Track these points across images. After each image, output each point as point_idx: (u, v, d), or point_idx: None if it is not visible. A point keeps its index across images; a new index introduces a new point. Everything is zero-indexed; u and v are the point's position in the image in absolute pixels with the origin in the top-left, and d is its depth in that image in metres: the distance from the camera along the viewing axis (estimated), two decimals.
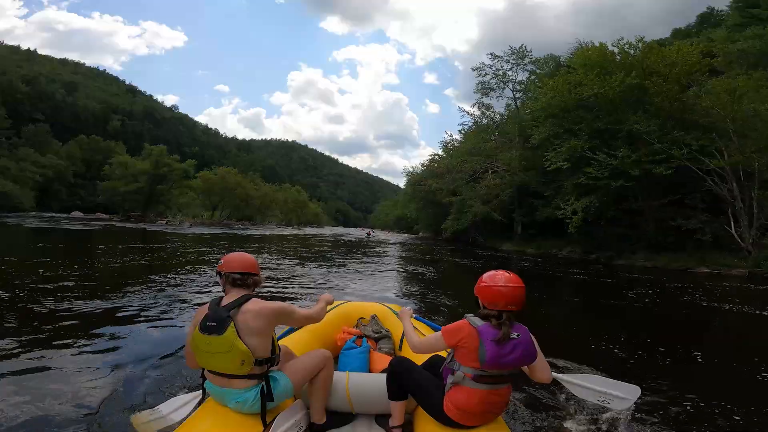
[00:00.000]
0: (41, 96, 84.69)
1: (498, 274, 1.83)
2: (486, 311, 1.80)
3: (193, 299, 6.05)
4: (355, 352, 2.78)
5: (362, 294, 7.52)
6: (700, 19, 39.81)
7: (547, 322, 6.27)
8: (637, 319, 7.03)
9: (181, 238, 21.30)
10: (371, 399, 2.22)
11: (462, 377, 1.80)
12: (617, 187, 16.66)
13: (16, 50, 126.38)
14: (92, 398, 2.73)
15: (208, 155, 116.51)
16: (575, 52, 25.70)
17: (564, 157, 18.41)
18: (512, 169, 28.60)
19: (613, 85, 17.58)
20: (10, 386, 2.79)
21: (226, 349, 1.75)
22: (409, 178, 47.00)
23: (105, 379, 3.06)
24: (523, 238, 28.91)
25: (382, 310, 3.37)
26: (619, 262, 17.99)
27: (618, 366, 4.06)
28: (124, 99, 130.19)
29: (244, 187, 56.53)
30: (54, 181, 60.81)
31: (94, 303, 5.34)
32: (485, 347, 1.72)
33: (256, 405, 1.82)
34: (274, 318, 1.89)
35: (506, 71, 34.61)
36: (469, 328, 1.78)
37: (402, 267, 13.89)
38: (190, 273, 8.71)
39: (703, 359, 4.56)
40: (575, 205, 17.81)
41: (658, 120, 16.91)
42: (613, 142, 17.77)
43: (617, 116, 18.30)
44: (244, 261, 1.96)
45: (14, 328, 4.09)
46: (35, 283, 6.43)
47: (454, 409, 1.81)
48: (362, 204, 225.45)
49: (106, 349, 3.70)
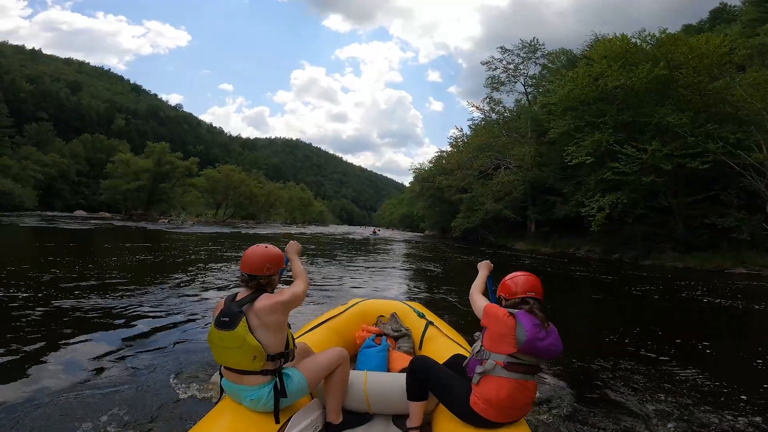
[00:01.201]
0: (45, 95, 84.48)
1: (516, 273, 1.99)
2: (512, 300, 1.90)
3: (179, 304, 5.44)
4: (373, 350, 2.71)
5: (376, 292, 7.31)
6: (713, 15, 38.90)
7: (575, 329, 5.63)
8: (680, 323, 6.42)
9: (179, 237, 20.39)
10: (389, 399, 2.16)
11: (493, 366, 1.79)
12: (647, 183, 15.50)
13: (21, 50, 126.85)
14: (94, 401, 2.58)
15: (212, 154, 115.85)
16: (593, 44, 24.57)
17: (587, 151, 17.25)
18: (525, 165, 27.54)
19: (640, 76, 16.45)
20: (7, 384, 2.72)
21: (238, 344, 1.75)
22: (416, 175, 45.98)
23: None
24: (537, 236, 27.94)
25: (402, 308, 3.27)
26: (646, 263, 16.93)
27: (659, 382, 3.46)
28: (128, 98, 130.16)
29: (248, 185, 55.66)
30: (57, 179, 60.44)
31: (69, 303, 4.95)
32: (524, 328, 1.74)
33: (270, 403, 1.81)
34: (286, 309, 1.87)
35: (517, 65, 33.51)
36: (504, 312, 1.83)
37: (413, 265, 13.63)
38: (180, 275, 7.78)
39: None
40: (601, 201, 16.64)
41: (690, 112, 15.76)
42: (639, 135, 16.65)
43: (643, 109, 17.18)
44: (253, 262, 1.90)
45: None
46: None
47: (482, 402, 1.79)
48: (366, 202, 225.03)
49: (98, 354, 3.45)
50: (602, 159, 17.15)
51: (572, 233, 23.91)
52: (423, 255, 19.08)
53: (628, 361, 3.94)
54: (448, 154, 37.74)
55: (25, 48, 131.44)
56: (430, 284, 9.15)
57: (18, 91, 76.94)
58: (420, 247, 26.10)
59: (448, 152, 38.63)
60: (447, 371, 2.02)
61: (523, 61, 33.64)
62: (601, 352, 4.17)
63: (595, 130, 17.75)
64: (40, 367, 3.03)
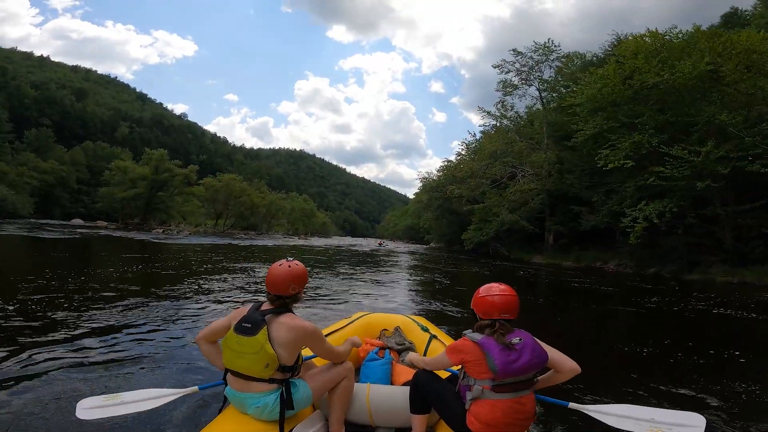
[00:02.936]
0: (49, 101, 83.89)
1: (493, 286, 1.90)
2: (481, 322, 1.87)
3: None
4: (377, 363, 2.68)
5: (381, 305, 7.18)
6: (725, 20, 37.75)
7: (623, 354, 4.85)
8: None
9: (168, 248, 18.58)
10: (392, 412, 2.16)
11: (480, 391, 1.77)
12: (700, 189, 13.58)
13: (29, 56, 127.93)
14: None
15: (216, 164, 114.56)
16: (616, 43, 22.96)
17: (626, 154, 15.34)
18: (543, 173, 25.69)
19: (684, 72, 14.71)
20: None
21: (255, 351, 1.77)
22: (424, 184, 44.29)
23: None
24: (555, 249, 25.96)
25: (405, 322, 3.26)
26: (691, 277, 14.99)
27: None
28: (133, 106, 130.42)
29: (249, 195, 54.06)
30: (56, 187, 59.33)
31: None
32: (493, 357, 1.73)
33: (275, 411, 1.81)
34: (304, 338, 1.88)
35: (532, 67, 31.86)
36: (471, 344, 1.80)
37: (420, 278, 13.41)
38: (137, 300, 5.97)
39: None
40: (647, 210, 14.63)
41: (743, 110, 13.97)
42: (683, 137, 14.81)
43: (685, 108, 15.40)
44: (278, 282, 1.91)
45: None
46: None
47: (478, 423, 1.76)
48: (370, 214, 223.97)
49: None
50: (642, 163, 15.27)
51: (597, 246, 21.93)
52: (431, 267, 17.83)
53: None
54: (459, 162, 36.01)
55: (33, 55, 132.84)
56: (436, 298, 8.69)
57: (23, 96, 76.60)
58: (427, 260, 24.43)
59: (458, 160, 36.97)
60: (447, 387, 1.98)
61: (537, 63, 32.05)
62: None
63: (632, 131, 15.91)
64: (34, 377, 2.96)
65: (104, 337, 4.04)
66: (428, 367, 2.07)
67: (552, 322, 7.08)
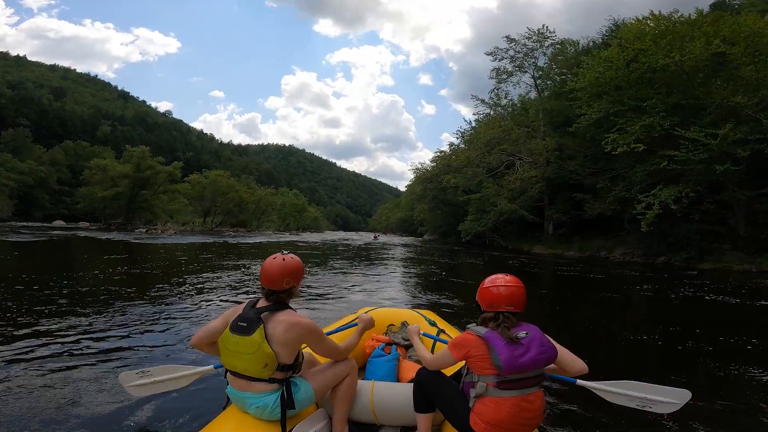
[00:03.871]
0: (26, 101, 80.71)
1: (498, 277, 1.79)
2: (485, 314, 1.77)
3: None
4: (383, 360, 2.62)
5: (386, 300, 6.91)
6: (713, 9, 37.36)
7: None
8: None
9: (144, 249, 17.36)
10: (396, 410, 2.08)
11: (485, 388, 1.66)
12: (719, 173, 12.83)
13: (5, 56, 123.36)
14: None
15: (203, 161, 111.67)
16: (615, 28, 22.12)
17: (636, 137, 14.53)
18: (541, 161, 24.91)
19: (695, 53, 13.94)
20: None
21: (252, 351, 1.71)
22: (417, 176, 43.38)
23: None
24: (556, 238, 25.34)
25: (413, 317, 3.13)
26: (704, 266, 14.35)
27: None
28: (115, 105, 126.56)
29: (238, 191, 52.51)
30: (35, 188, 57.08)
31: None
32: (497, 352, 1.62)
33: (276, 411, 1.76)
34: (302, 336, 1.81)
35: (526, 54, 30.96)
36: (474, 338, 1.70)
37: (419, 270, 13.10)
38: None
39: None
40: (662, 195, 13.84)
41: (759, 92, 13.29)
42: (695, 119, 14.06)
43: (693, 91, 14.68)
44: (272, 276, 1.82)
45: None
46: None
47: (482, 422, 1.65)
48: (361, 207, 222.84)
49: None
50: (651, 147, 14.49)
51: (600, 234, 21.27)
52: (428, 259, 17.28)
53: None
54: (455, 151, 35.15)
55: (9, 55, 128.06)
56: (436, 291, 8.44)
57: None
58: (423, 252, 23.68)
59: (453, 149, 36.11)
60: (452, 384, 1.88)
61: (531, 50, 31.14)
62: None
63: (640, 114, 15.11)
64: (28, 384, 2.85)
65: (86, 342, 3.86)
66: (431, 364, 1.92)
67: (567, 315, 6.64)
